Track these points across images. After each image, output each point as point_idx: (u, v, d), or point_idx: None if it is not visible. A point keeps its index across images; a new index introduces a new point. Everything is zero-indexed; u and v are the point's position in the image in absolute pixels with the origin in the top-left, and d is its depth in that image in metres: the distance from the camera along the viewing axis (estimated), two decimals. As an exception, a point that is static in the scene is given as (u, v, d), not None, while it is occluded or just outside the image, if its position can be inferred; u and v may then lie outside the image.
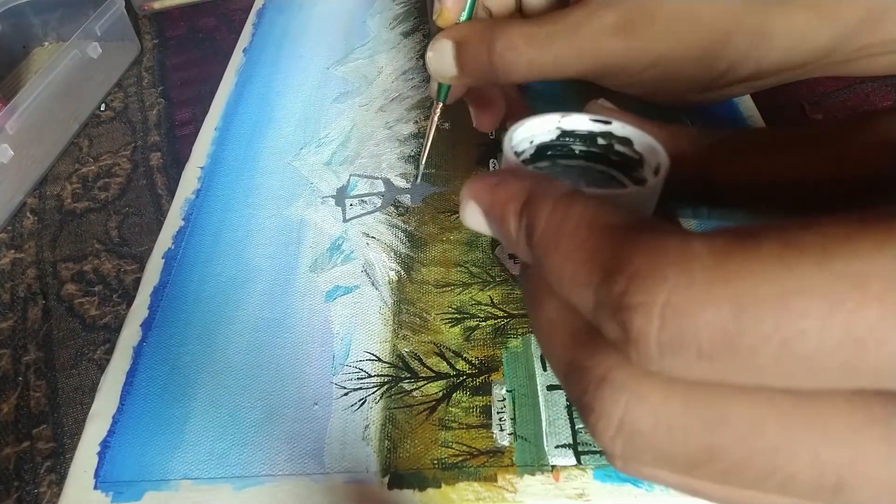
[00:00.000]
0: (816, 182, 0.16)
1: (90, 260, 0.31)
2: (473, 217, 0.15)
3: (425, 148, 0.29)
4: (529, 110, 0.28)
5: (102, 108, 0.41)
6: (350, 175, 0.32)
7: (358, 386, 0.24)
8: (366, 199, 0.31)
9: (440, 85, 0.27)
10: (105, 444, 0.23)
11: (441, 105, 0.28)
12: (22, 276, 0.31)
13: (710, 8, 0.23)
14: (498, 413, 0.23)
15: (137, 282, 0.29)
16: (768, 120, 0.33)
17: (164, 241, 0.30)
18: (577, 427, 0.22)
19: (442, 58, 0.25)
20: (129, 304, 0.28)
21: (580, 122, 0.17)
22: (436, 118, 0.28)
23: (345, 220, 0.30)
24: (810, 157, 0.16)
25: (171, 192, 0.33)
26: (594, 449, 0.21)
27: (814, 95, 0.34)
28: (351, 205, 0.31)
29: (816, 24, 0.24)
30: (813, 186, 0.16)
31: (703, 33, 0.23)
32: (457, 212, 0.30)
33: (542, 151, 0.18)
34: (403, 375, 0.24)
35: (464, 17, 0.25)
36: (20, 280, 0.31)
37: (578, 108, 0.20)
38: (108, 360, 0.26)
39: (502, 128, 0.32)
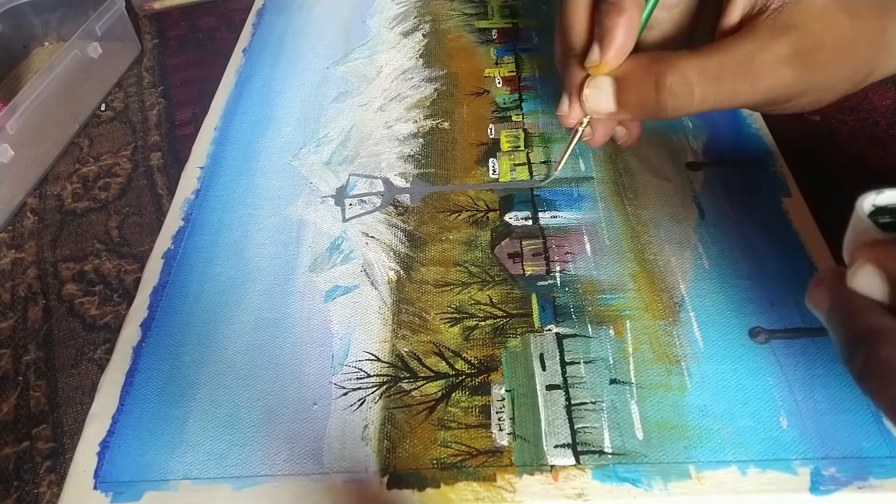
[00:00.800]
0: None
1: (90, 260, 0.32)
2: (870, 280, 0.17)
3: (562, 159, 0.28)
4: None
5: (103, 108, 0.41)
6: (349, 175, 0.32)
7: (357, 386, 0.24)
8: (365, 198, 0.31)
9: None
10: (105, 445, 0.23)
11: (587, 121, 0.26)
12: (22, 275, 0.31)
13: (862, 35, 0.23)
14: (497, 413, 0.23)
15: (138, 282, 0.29)
16: (767, 121, 0.32)
17: (164, 241, 0.30)
18: (576, 427, 0.22)
19: (600, 95, 0.24)
20: (130, 304, 0.28)
21: None
22: (580, 132, 0.27)
23: (344, 220, 0.30)
24: None
25: (172, 192, 0.33)
26: (593, 449, 0.21)
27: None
28: (350, 204, 0.31)
29: None
30: None
31: (858, 59, 0.23)
32: (456, 211, 0.30)
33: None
34: (402, 375, 0.24)
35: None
36: (20, 280, 0.31)
37: None
38: (108, 360, 0.26)
39: (506, 127, 0.31)
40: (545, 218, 0.29)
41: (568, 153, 0.28)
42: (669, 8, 0.26)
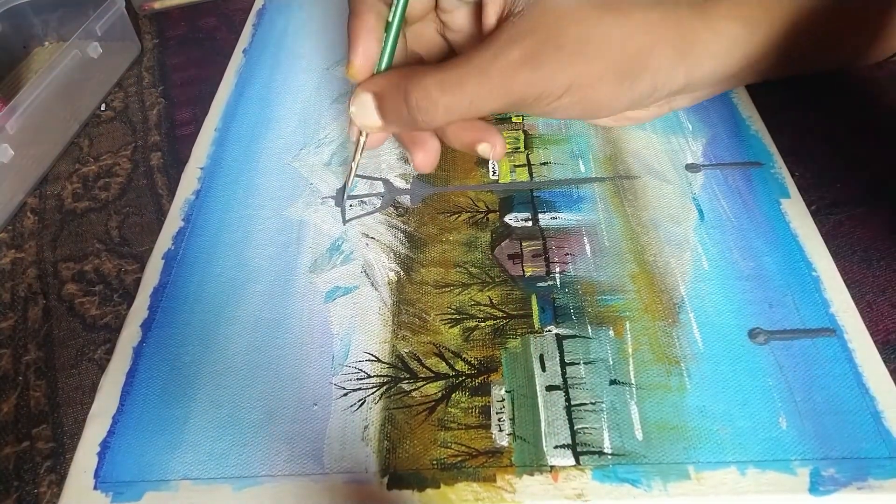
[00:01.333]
0: None
1: (91, 260, 0.32)
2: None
3: (350, 179, 0.29)
4: (495, 130, 0.27)
5: (103, 108, 0.41)
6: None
7: (357, 386, 0.24)
8: (365, 199, 0.31)
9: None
10: (105, 445, 0.23)
11: (363, 142, 0.27)
12: (22, 275, 0.31)
13: (620, 28, 0.23)
14: (497, 413, 0.23)
15: (138, 282, 0.29)
16: (767, 121, 0.33)
17: (164, 241, 0.30)
18: (575, 427, 0.22)
19: (364, 111, 0.25)
20: (130, 305, 0.28)
21: None
22: (359, 156, 0.28)
23: (344, 221, 0.30)
24: None
25: (172, 192, 0.33)
26: (593, 449, 0.21)
27: (813, 96, 0.34)
28: (350, 205, 0.31)
29: (744, 33, 0.24)
30: None
31: (615, 53, 0.23)
32: (456, 212, 0.30)
33: None
34: (403, 376, 0.24)
35: (383, 65, 0.25)
36: (20, 280, 0.31)
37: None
38: (108, 360, 0.26)
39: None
40: (545, 219, 0.29)
41: (354, 168, 0.28)
42: (450, 10, 0.27)
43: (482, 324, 0.25)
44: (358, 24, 0.25)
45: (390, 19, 0.25)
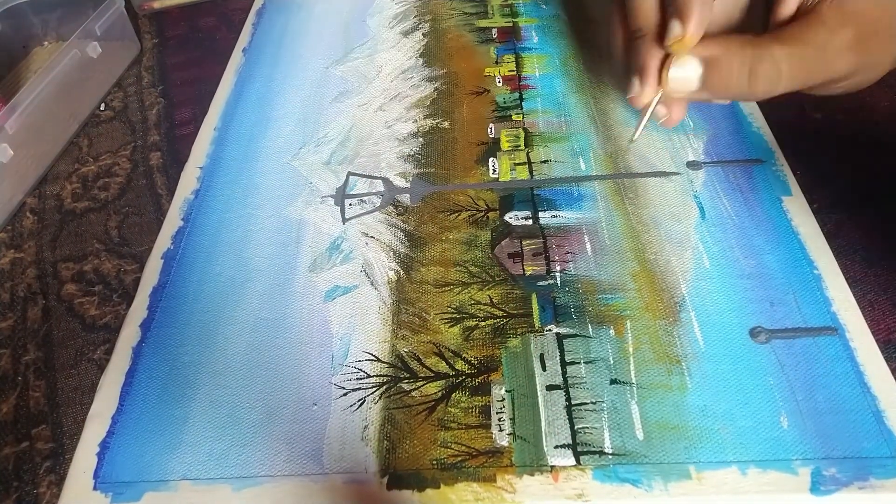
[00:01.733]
0: None
1: (90, 260, 0.31)
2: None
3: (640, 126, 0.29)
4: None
5: (102, 108, 0.41)
6: (349, 174, 0.32)
7: (357, 386, 0.24)
8: (365, 198, 0.31)
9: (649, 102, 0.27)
10: (104, 445, 0.23)
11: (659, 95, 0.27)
12: (22, 275, 0.31)
13: None
14: (497, 413, 0.23)
15: (137, 282, 0.29)
16: (769, 120, 0.32)
17: (164, 241, 0.30)
18: (576, 427, 0.22)
19: (687, 74, 0.25)
20: (129, 305, 0.28)
21: None
22: (654, 104, 0.27)
23: (344, 220, 0.30)
24: None
25: (171, 192, 0.33)
26: (593, 449, 0.21)
27: (814, 96, 0.34)
28: (350, 204, 0.31)
29: None
30: None
31: None
32: (456, 211, 0.30)
33: None
34: (402, 375, 0.24)
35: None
36: (20, 280, 0.31)
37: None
38: (107, 361, 0.26)
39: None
40: (545, 217, 0.29)
41: (640, 131, 0.28)
42: None
43: (482, 323, 0.25)
44: None
45: None
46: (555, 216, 0.29)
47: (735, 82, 0.24)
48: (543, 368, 0.24)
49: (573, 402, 0.23)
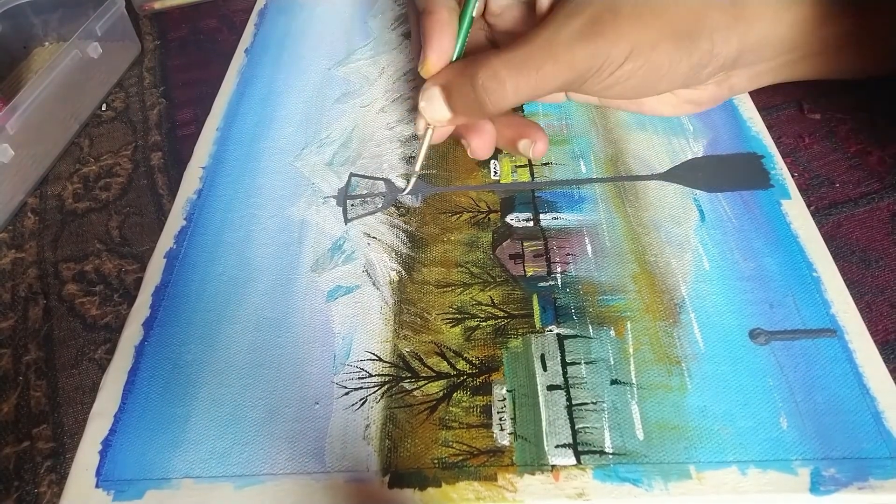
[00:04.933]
0: None
1: (91, 260, 0.31)
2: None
3: (417, 164, 0.30)
4: (537, 126, 0.28)
5: (103, 108, 0.41)
6: (351, 175, 0.33)
7: (359, 385, 0.24)
8: (367, 199, 0.31)
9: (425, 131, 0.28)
10: (106, 443, 0.23)
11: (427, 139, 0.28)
12: (23, 275, 0.31)
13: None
14: (498, 413, 0.23)
15: (138, 282, 0.29)
16: (767, 120, 0.33)
17: (166, 240, 0.30)
18: (576, 427, 0.22)
19: (433, 104, 0.26)
20: (130, 304, 0.28)
21: None
22: (425, 145, 0.29)
23: (346, 221, 0.30)
24: None
25: (172, 192, 0.33)
26: (594, 449, 0.22)
27: (813, 95, 0.34)
28: (352, 205, 0.31)
29: (783, 11, 0.25)
30: None
31: (671, 15, 0.24)
32: (458, 212, 0.30)
33: None
34: (404, 375, 0.24)
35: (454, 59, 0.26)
36: (21, 280, 0.31)
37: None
38: (108, 360, 0.26)
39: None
40: (546, 219, 0.29)
41: (420, 161, 0.29)
42: (498, 13, 0.28)
43: (483, 323, 0.25)
44: (433, 21, 0.25)
45: (463, 12, 0.25)
46: (556, 218, 0.29)
47: (466, 99, 0.25)
48: (544, 368, 0.24)
49: (574, 402, 0.23)
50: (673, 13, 0.24)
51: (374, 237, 0.29)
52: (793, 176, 0.30)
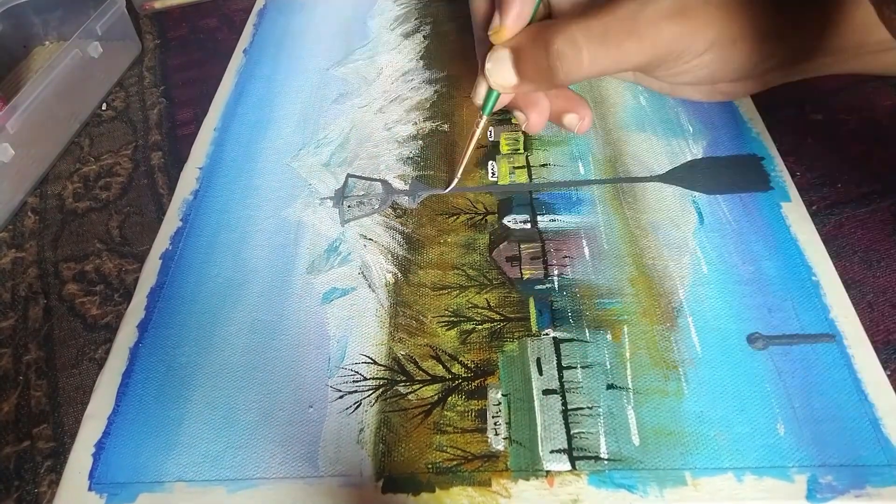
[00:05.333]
0: None
1: (91, 259, 0.32)
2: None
3: (463, 160, 0.29)
4: (585, 102, 0.28)
5: (103, 108, 0.41)
6: (348, 176, 0.32)
7: (353, 389, 0.24)
8: (364, 200, 0.31)
9: (487, 97, 0.27)
10: (100, 446, 0.23)
11: (486, 119, 0.27)
12: (23, 275, 0.31)
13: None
14: (493, 417, 0.23)
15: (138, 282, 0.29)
16: (768, 121, 0.32)
17: (162, 241, 0.30)
18: (572, 432, 0.22)
19: (500, 67, 0.25)
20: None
21: None
22: (478, 131, 0.28)
23: (342, 222, 0.30)
24: None
25: (173, 192, 0.33)
26: (589, 454, 0.21)
27: (814, 96, 0.34)
28: (349, 206, 0.31)
29: (842, 11, 0.24)
30: None
31: (754, 10, 0.23)
32: (455, 214, 0.30)
33: None
34: (399, 378, 0.24)
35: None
36: (21, 279, 0.31)
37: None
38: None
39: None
40: (544, 221, 0.29)
41: (466, 158, 0.29)
42: None
43: (479, 326, 0.25)
44: None
45: None
46: (553, 220, 0.29)
47: (538, 65, 0.24)
48: (540, 373, 0.24)
49: (569, 407, 0.23)
50: (759, 10, 0.23)
51: (370, 239, 0.29)
52: (795, 176, 0.30)
